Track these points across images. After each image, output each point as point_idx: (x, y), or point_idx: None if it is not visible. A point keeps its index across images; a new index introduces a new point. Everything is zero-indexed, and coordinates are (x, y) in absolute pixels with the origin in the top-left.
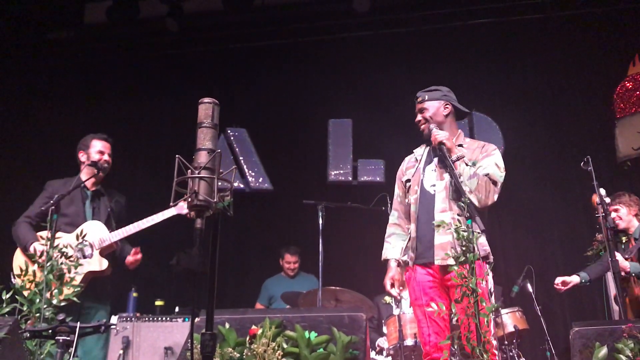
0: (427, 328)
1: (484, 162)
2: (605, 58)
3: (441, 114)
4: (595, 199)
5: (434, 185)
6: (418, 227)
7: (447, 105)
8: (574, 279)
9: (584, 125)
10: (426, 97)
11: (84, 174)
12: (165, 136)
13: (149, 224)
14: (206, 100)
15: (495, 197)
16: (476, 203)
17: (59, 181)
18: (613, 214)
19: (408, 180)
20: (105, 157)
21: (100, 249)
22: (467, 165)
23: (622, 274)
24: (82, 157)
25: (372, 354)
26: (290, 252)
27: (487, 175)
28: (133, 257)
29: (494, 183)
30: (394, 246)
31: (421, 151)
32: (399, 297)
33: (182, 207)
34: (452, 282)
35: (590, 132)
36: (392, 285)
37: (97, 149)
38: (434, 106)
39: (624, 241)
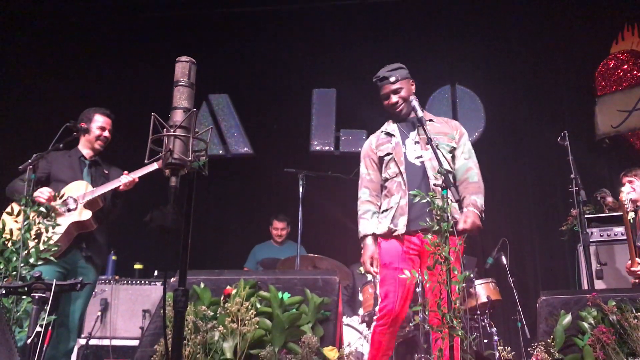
0: (394, 293)
1: (463, 146)
2: (589, 35)
3: (412, 92)
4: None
5: (419, 157)
6: (408, 198)
7: (413, 83)
8: None
9: (564, 102)
10: (399, 77)
11: (82, 145)
12: (147, 99)
13: (130, 178)
14: (183, 58)
15: None
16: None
17: (59, 152)
18: (627, 186)
19: (388, 154)
20: (106, 133)
21: (85, 203)
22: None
23: None
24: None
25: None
26: (279, 219)
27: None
28: (125, 176)
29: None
30: (371, 222)
31: (392, 127)
32: (375, 275)
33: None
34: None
35: (570, 108)
36: (372, 264)
37: (99, 124)
38: (407, 85)
39: (631, 217)
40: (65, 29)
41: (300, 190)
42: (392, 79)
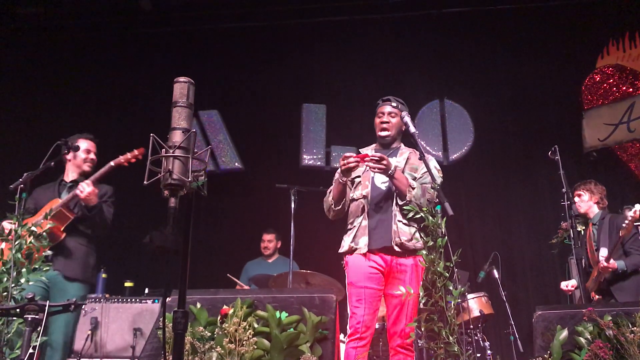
0: (364, 308)
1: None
2: (575, 50)
3: (400, 129)
4: None
5: (385, 182)
6: (371, 218)
7: (403, 126)
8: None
9: (552, 116)
10: (399, 107)
11: (70, 170)
12: (136, 115)
13: (86, 185)
14: (182, 79)
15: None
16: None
17: (44, 186)
18: (576, 199)
19: (357, 177)
20: (92, 155)
21: (51, 217)
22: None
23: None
24: (68, 155)
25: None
26: (266, 231)
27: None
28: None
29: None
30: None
31: (370, 151)
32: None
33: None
34: (403, 267)
35: (558, 122)
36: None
37: (84, 147)
38: (399, 119)
39: (581, 229)
40: (56, 46)
41: (292, 205)
42: (393, 103)
